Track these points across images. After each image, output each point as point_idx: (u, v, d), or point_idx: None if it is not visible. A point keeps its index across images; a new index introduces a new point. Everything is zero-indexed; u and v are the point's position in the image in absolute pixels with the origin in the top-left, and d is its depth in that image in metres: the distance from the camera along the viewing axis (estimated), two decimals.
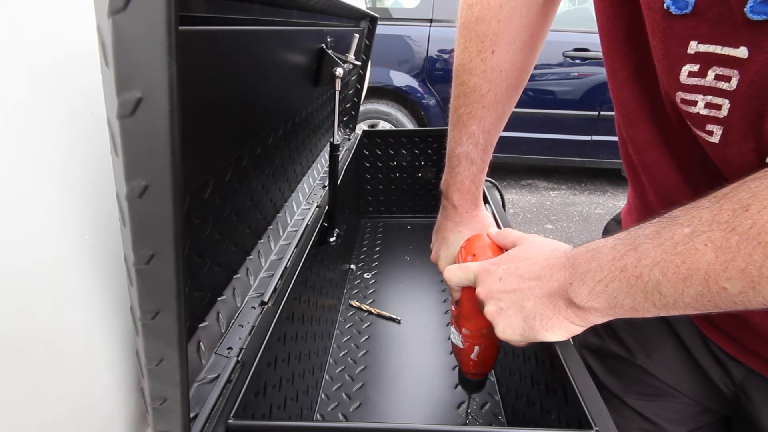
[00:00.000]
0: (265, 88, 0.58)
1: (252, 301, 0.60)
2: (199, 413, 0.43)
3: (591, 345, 0.63)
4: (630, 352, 0.58)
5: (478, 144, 0.60)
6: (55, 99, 0.31)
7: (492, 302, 0.46)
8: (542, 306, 0.42)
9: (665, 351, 0.55)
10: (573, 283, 0.40)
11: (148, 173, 0.23)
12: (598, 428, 0.39)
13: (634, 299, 0.36)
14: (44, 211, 0.30)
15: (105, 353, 0.36)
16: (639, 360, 0.57)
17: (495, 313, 0.45)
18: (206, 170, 0.47)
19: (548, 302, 0.42)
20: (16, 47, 0.29)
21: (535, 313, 0.43)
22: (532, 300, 0.43)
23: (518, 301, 0.44)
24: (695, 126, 0.37)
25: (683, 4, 0.33)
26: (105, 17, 0.19)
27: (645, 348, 0.57)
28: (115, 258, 0.36)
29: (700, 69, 0.34)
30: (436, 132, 1.37)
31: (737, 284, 0.30)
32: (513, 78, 0.57)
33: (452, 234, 0.65)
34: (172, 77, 0.20)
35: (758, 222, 0.29)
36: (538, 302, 0.43)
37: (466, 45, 0.56)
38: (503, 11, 0.53)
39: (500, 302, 0.45)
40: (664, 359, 0.56)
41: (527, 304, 0.43)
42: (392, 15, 3.09)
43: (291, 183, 0.86)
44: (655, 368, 0.56)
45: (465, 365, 0.60)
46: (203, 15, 0.39)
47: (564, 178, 3.51)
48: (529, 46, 0.56)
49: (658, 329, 0.56)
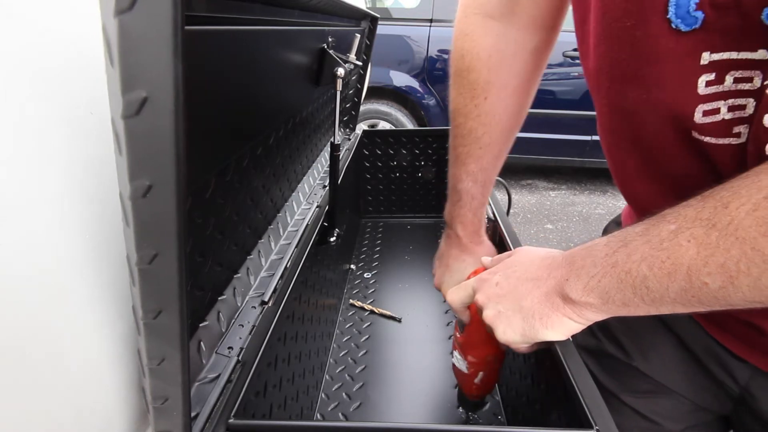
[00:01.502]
0: (267, 88, 0.58)
1: (252, 300, 0.60)
2: (200, 413, 0.43)
3: (588, 346, 0.64)
4: (626, 353, 0.58)
5: (477, 181, 0.63)
6: (57, 99, 0.31)
7: (491, 306, 0.47)
8: (540, 304, 0.43)
9: (662, 352, 0.56)
10: (569, 279, 0.40)
11: (152, 173, 0.23)
12: (598, 427, 0.39)
13: (624, 294, 0.37)
14: (47, 211, 0.30)
15: (106, 352, 0.36)
16: (635, 362, 0.58)
17: (494, 316, 0.46)
18: (208, 170, 0.47)
19: (546, 300, 0.42)
20: (19, 47, 0.29)
21: (534, 311, 0.43)
22: (529, 299, 0.43)
23: (516, 301, 0.44)
24: (719, 135, 0.37)
25: (692, 21, 0.33)
26: (111, 17, 0.19)
27: (641, 349, 0.57)
28: (117, 258, 0.36)
29: (717, 76, 0.34)
30: (436, 132, 1.37)
31: (717, 279, 0.31)
32: (507, 121, 0.59)
33: (456, 262, 0.68)
34: (178, 77, 0.20)
35: (736, 218, 0.30)
36: (536, 301, 0.43)
37: (460, 91, 0.59)
38: (492, 61, 0.55)
39: (498, 305, 0.46)
40: (661, 361, 0.56)
41: (525, 303, 0.44)
42: (392, 15, 3.09)
43: (291, 183, 0.86)
44: (650, 369, 0.57)
45: (467, 389, 0.61)
46: (206, 15, 0.40)
47: (564, 178, 3.52)
48: (521, 90, 0.58)
49: (656, 331, 0.56)
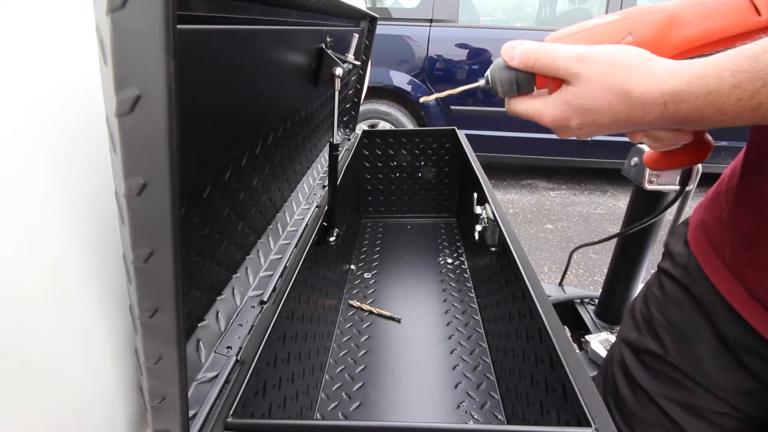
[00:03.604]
0: (265, 88, 0.58)
1: (251, 300, 0.60)
2: (198, 412, 0.43)
3: (629, 339, 0.64)
4: (664, 348, 0.59)
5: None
6: (55, 98, 0.31)
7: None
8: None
9: (701, 349, 0.55)
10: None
11: (146, 171, 0.23)
12: (596, 426, 0.39)
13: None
14: (44, 210, 0.30)
15: (104, 351, 0.36)
16: (671, 357, 0.58)
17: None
18: (205, 169, 0.47)
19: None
20: (15, 47, 0.29)
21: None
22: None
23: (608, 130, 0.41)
24: None
25: None
26: (104, 15, 0.19)
27: (678, 345, 0.57)
28: (114, 256, 0.36)
29: None
30: (436, 132, 1.37)
31: None
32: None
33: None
34: (170, 75, 0.20)
35: None
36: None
37: None
38: None
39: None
40: (697, 357, 0.56)
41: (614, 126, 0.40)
42: (392, 15, 3.09)
43: (291, 183, 0.86)
44: (686, 366, 0.57)
45: None
46: (203, 14, 0.40)
47: (564, 178, 3.51)
48: None
49: (697, 326, 0.56)
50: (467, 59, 2.91)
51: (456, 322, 1.00)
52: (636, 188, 1.06)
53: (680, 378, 0.57)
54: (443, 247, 1.32)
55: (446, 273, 1.20)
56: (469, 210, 1.07)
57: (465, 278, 1.17)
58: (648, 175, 0.98)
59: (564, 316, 1.25)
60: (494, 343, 0.87)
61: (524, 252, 0.68)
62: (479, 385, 0.82)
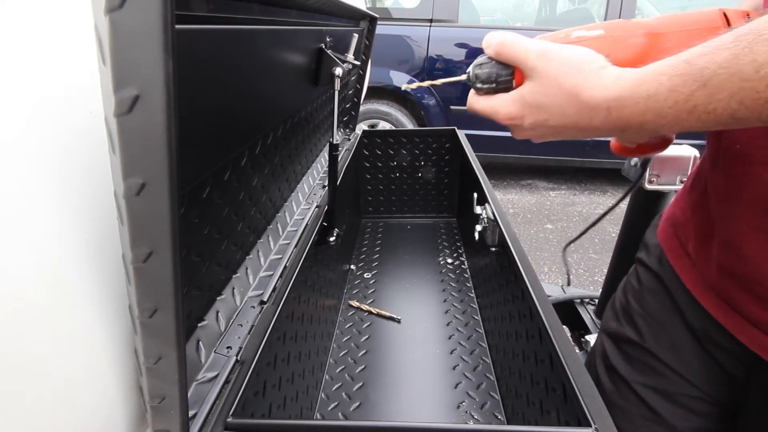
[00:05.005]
0: (264, 88, 0.58)
1: (251, 300, 0.60)
2: (198, 412, 0.43)
3: (609, 329, 0.65)
4: (641, 336, 0.60)
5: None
6: (56, 98, 0.31)
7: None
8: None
9: (674, 336, 0.57)
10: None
11: (145, 171, 0.23)
12: (596, 426, 0.39)
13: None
14: (44, 210, 0.30)
15: (104, 351, 0.36)
16: (647, 344, 0.59)
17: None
18: (204, 169, 0.47)
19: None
20: (14, 47, 0.29)
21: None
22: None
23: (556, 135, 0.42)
24: None
25: None
26: (102, 15, 0.19)
27: (655, 333, 0.59)
28: (114, 256, 0.36)
29: None
30: (436, 132, 1.37)
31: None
32: None
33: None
34: (169, 75, 0.20)
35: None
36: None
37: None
38: None
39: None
40: (672, 345, 0.57)
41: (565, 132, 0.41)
42: (392, 15, 3.09)
43: (290, 183, 0.86)
44: (662, 353, 0.58)
45: None
46: (202, 14, 0.40)
47: (564, 178, 3.51)
48: None
49: (670, 315, 0.57)
50: (467, 59, 2.92)
51: (456, 322, 1.00)
52: (636, 188, 1.06)
53: (657, 365, 0.58)
54: (443, 247, 1.32)
55: (446, 273, 1.20)
56: (469, 210, 1.07)
57: (465, 278, 1.17)
58: (648, 175, 0.98)
59: (564, 316, 1.25)
60: (494, 343, 0.87)
61: (524, 252, 0.68)
62: (479, 385, 0.82)
